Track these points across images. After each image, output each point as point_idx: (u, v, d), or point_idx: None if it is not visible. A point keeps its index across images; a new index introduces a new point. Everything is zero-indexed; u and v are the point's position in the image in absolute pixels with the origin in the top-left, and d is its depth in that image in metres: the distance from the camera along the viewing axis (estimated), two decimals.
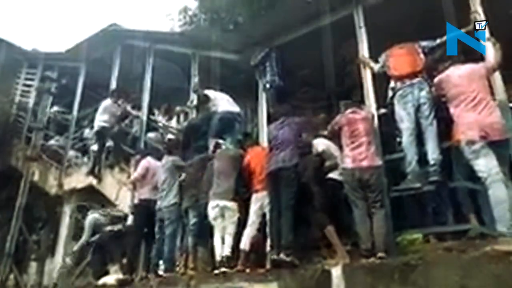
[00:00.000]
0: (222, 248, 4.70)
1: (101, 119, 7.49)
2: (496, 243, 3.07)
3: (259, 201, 4.70)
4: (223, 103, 6.08)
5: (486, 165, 3.35)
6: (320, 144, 4.68)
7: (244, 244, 4.60)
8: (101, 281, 5.98)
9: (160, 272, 5.30)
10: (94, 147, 7.84)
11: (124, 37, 8.64)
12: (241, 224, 4.74)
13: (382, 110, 4.61)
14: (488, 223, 3.51)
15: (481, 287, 2.94)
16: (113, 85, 8.44)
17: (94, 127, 7.67)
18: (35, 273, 8.85)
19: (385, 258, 3.60)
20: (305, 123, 4.76)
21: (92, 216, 6.96)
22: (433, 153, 3.90)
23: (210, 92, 6.27)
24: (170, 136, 7.19)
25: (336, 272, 3.67)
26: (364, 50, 5.03)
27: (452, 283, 3.06)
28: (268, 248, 4.38)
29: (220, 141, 5.64)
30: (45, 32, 39.86)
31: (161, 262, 5.38)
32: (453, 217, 3.99)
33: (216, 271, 4.69)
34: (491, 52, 3.87)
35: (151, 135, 7.54)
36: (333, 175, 4.45)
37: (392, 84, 4.40)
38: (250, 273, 4.39)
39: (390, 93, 4.38)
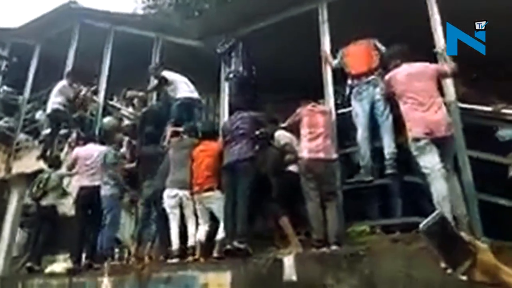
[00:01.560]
0: (177, 238, 4.68)
1: (54, 101, 7.16)
2: None
3: (202, 201, 4.68)
4: (182, 87, 5.97)
5: (430, 161, 3.45)
6: (283, 137, 4.71)
7: (200, 235, 4.61)
8: (49, 269, 5.76)
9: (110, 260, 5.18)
10: (47, 131, 7.49)
11: (83, 16, 8.27)
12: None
13: (342, 110, 4.70)
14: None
15: (424, 277, 3.07)
16: (69, 66, 8.09)
17: (47, 110, 7.32)
18: None
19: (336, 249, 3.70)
20: (261, 116, 4.74)
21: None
22: (388, 148, 4.03)
23: (168, 74, 6.13)
24: (126, 122, 6.99)
25: (288, 261, 3.74)
26: (326, 45, 5.09)
27: (397, 273, 3.20)
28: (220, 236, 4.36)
29: (179, 129, 5.54)
30: None
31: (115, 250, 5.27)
32: (406, 210, 4.11)
33: (169, 260, 4.65)
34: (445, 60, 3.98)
35: (106, 120, 7.29)
36: (292, 168, 4.50)
37: (349, 81, 4.52)
38: (204, 262, 4.38)
39: (347, 90, 4.51)
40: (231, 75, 5.92)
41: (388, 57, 4.15)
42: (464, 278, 1.02)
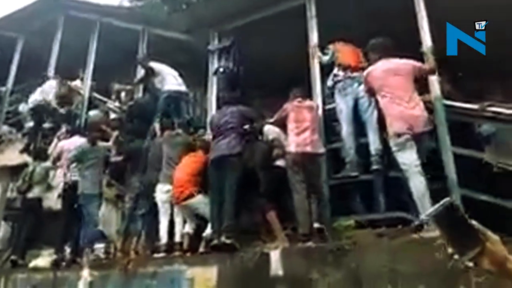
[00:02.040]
0: (166, 232, 4.69)
1: (39, 96, 7.05)
2: (422, 230, 3.28)
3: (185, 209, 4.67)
4: (169, 79, 5.92)
5: (408, 158, 3.46)
6: (271, 132, 4.71)
7: (188, 228, 4.63)
8: (33, 263, 5.69)
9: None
10: (30, 124, 7.37)
11: (68, 7, 8.12)
12: None
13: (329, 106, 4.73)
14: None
15: (408, 271, 3.13)
16: (54, 58, 7.95)
17: (29, 104, 7.20)
18: None
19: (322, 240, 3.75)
20: (250, 111, 4.74)
21: None
22: (373, 144, 4.08)
23: (156, 65, 6.07)
24: (113, 116, 6.92)
25: (275, 256, 3.76)
26: (314, 40, 5.10)
27: (382, 267, 3.24)
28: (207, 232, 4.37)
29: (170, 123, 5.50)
30: None
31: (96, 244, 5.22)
32: (390, 205, 4.17)
33: (155, 255, 4.64)
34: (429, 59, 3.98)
35: (92, 113, 7.19)
36: (280, 162, 4.51)
37: (335, 70, 4.54)
38: (190, 256, 4.38)
39: (330, 82, 4.54)
40: (221, 69, 5.88)
41: (370, 49, 4.13)
42: (470, 264, 1.03)
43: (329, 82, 4.57)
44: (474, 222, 1.05)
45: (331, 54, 4.70)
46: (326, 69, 4.78)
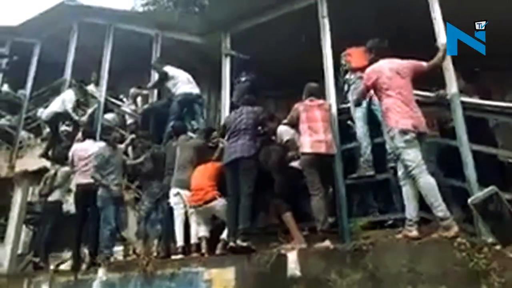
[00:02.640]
0: (181, 235, 4.74)
1: (59, 108, 7.18)
2: (438, 228, 3.25)
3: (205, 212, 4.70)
4: (183, 83, 5.96)
5: (415, 155, 3.44)
6: (285, 133, 4.68)
7: (205, 231, 4.68)
8: (54, 266, 5.82)
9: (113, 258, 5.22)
10: (48, 129, 7.52)
11: (82, 14, 8.24)
12: None
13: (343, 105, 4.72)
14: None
15: (428, 271, 3.10)
16: (70, 63, 8.09)
17: (44, 115, 7.34)
18: None
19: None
20: (262, 112, 4.74)
21: None
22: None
23: (170, 69, 6.13)
24: (129, 120, 7.01)
25: (292, 257, 3.77)
26: (326, 40, 5.08)
27: (400, 267, 3.22)
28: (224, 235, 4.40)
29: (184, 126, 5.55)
30: None
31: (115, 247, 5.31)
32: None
33: (173, 257, 4.69)
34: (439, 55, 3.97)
35: (108, 116, 7.30)
36: (295, 163, 4.49)
37: (347, 75, 4.60)
38: (207, 258, 4.41)
39: (345, 87, 4.60)
40: (242, 79, 5.91)
41: (368, 50, 4.17)
42: None
43: (345, 88, 4.58)
44: None
45: (344, 60, 4.77)
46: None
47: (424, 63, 3.85)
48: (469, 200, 3.03)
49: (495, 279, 2.78)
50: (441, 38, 4.21)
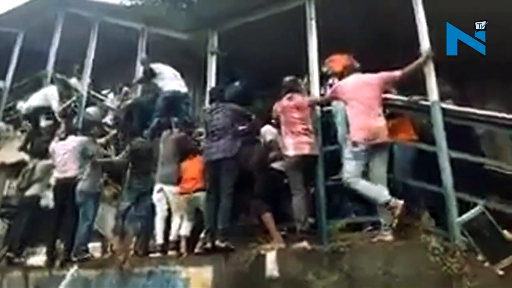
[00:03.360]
0: (161, 232, 4.70)
1: (42, 102, 7.03)
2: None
3: (191, 201, 4.69)
4: (169, 80, 5.92)
5: (355, 168, 3.65)
6: (268, 133, 4.68)
7: (185, 230, 4.64)
8: (29, 261, 5.70)
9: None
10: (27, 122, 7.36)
11: (68, 4, 8.10)
12: None
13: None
14: None
15: (403, 274, 3.15)
16: (53, 55, 7.95)
17: (24, 109, 7.19)
18: None
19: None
20: (240, 111, 4.73)
21: None
22: None
23: (157, 67, 6.08)
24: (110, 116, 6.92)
25: (271, 257, 3.77)
26: (313, 42, 5.09)
27: (375, 270, 3.25)
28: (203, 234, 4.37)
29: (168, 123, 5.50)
30: None
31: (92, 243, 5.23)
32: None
33: (151, 255, 4.65)
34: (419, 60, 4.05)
35: (90, 110, 7.18)
36: (276, 165, 4.48)
37: (330, 81, 4.67)
38: (185, 257, 4.38)
39: (328, 91, 4.60)
40: (236, 83, 5.89)
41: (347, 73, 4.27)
42: (501, 273, 1.02)
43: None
44: (505, 232, 1.04)
45: (326, 67, 4.84)
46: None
47: (397, 73, 3.96)
48: (457, 220, 3.13)
49: (466, 283, 2.82)
50: (424, 43, 4.26)
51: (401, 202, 3.37)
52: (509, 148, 5.24)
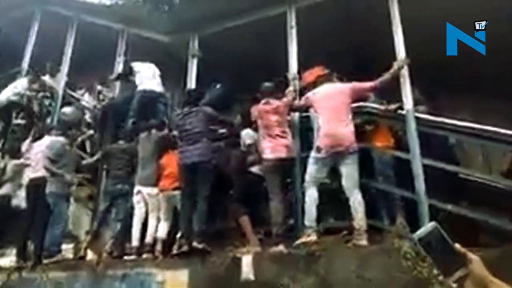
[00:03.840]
0: (138, 234, 4.67)
1: (13, 96, 6.81)
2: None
3: (170, 199, 4.67)
4: (146, 80, 5.86)
5: (313, 172, 3.84)
6: (248, 136, 4.70)
7: (161, 232, 4.61)
8: None
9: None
10: None
11: (45, 2, 7.92)
12: None
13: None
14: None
15: (374, 277, 3.22)
16: (29, 51, 7.75)
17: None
18: None
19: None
20: (215, 116, 4.72)
21: None
22: None
23: (135, 65, 6.02)
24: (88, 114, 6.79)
25: (247, 260, 3.78)
26: (293, 49, 5.16)
27: (349, 273, 3.32)
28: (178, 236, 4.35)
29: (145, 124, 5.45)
30: None
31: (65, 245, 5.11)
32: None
33: (126, 257, 4.58)
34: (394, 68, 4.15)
35: (66, 110, 7.02)
36: (254, 169, 4.50)
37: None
38: (161, 260, 4.34)
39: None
40: (218, 86, 5.89)
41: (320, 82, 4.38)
42: (454, 286, 1.06)
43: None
44: (456, 245, 1.09)
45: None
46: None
47: (367, 84, 4.09)
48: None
49: (436, 287, 2.91)
50: (400, 51, 4.39)
51: (315, 238, 3.60)
52: (480, 156, 5.45)
